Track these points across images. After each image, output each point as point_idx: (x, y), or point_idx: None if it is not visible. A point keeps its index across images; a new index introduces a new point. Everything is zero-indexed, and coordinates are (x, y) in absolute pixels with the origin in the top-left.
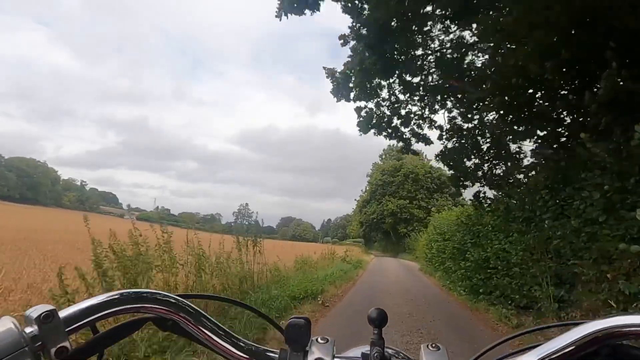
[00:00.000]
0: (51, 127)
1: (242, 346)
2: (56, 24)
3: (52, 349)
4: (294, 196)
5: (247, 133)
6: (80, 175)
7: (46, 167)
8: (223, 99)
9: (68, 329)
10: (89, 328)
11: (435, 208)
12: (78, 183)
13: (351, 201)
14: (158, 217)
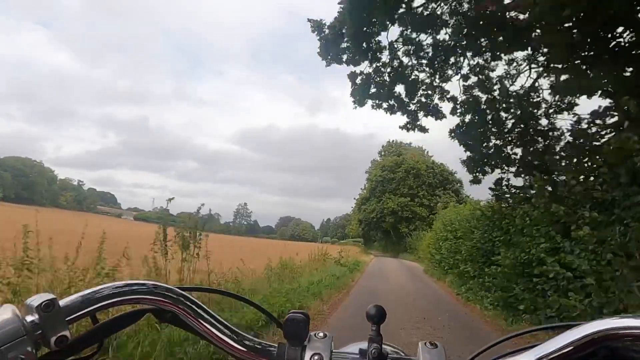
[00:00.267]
0: (52, 128)
1: (241, 340)
2: (56, 25)
3: (52, 338)
4: (294, 196)
5: (247, 133)
6: (80, 175)
7: (42, 167)
8: (223, 99)
9: (68, 319)
10: (89, 318)
11: (441, 204)
12: (75, 183)
13: (351, 201)
14: (156, 217)
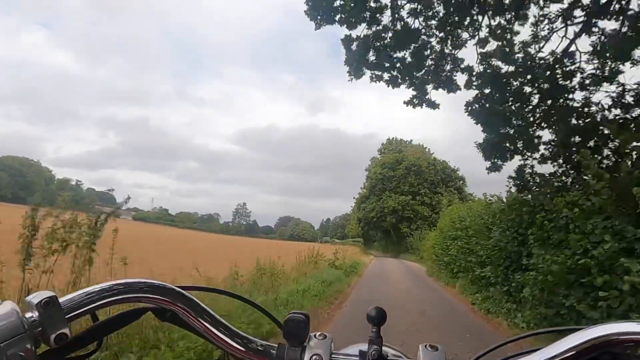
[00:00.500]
0: (52, 128)
1: (240, 339)
2: (57, 25)
3: (52, 335)
4: (294, 196)
5: (248, 132)
6: (81, 176)
7: (39, 166)
8: (223, 99)
9: (68, 316)
10: (89, 316)
11: (446, 200)
12: (73, 183)
13: (351, 201)
14: (154, 217)
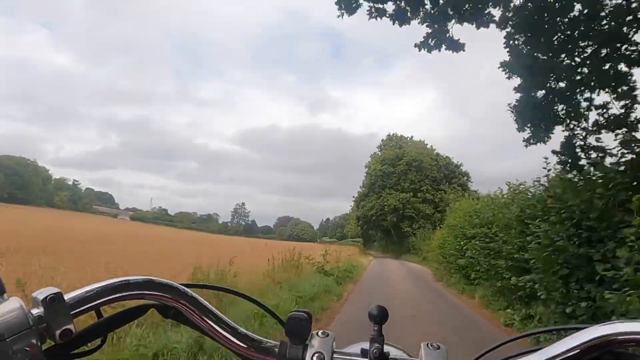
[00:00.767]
0: (53, 129)
1: (243, 337)
2: (58, 26)
3: (57, 331)
4: (294, 196)
5: (248, 133)
6: (81, 176)
7: (36, 166)
8: (224, 99)
9: (73, 312)
10: (94, 312)
11: (454, 195)
12: (70, 182)
13: (351, 200)
14: (152, 217)
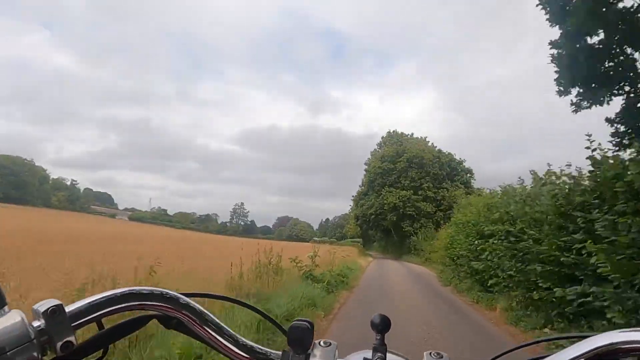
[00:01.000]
0: (53, 129)
1: (245, 346)
2: (59, 27)
3: (58, 343)
4: (295, 196)
5: (249, 133)
6: (82, 176)
7: (33, 166)
8: (225, 99)
9: (74, 324)
10: (95, 323)
11: (459, 192)
12: (68, 182)
13: (351, 200)
14: (151, 217)
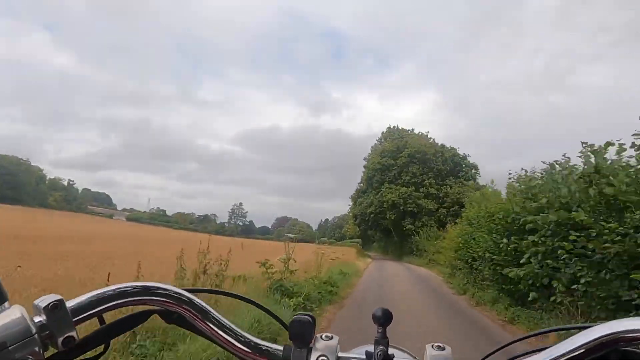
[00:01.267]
0: (54, 130)
1: (246, 341)
2: (60, 28)
3: (60, 338)
4: (295, 197)
5: (249, 134)
6: (82, 177)
7: (29, 165)
8: (225, 100)
9: (75, 319)
10: (96, 318)
11: (472, 185)
12: (65, 183)
13: (349, 199)
14: (149, 218)
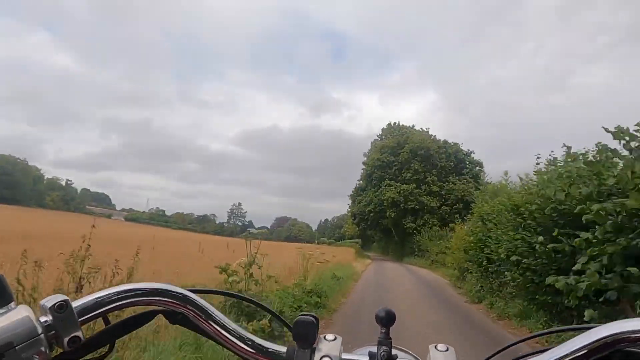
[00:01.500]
0: (54, 130)
1: (250, 342)
2: (60, 28)
3: (65, 338)
4: (295, 197)
5: (250, 134)
6: (82, 177)
7: (26, 165)
8: (226, 100)
9: (81, 319)
10: (102, 319)
11: (480, 180)
12: (63, 182)
13: (348, 197)
14: (147, 218)
